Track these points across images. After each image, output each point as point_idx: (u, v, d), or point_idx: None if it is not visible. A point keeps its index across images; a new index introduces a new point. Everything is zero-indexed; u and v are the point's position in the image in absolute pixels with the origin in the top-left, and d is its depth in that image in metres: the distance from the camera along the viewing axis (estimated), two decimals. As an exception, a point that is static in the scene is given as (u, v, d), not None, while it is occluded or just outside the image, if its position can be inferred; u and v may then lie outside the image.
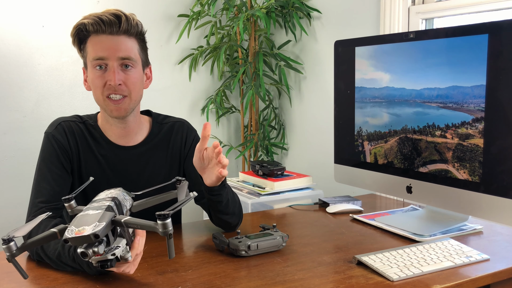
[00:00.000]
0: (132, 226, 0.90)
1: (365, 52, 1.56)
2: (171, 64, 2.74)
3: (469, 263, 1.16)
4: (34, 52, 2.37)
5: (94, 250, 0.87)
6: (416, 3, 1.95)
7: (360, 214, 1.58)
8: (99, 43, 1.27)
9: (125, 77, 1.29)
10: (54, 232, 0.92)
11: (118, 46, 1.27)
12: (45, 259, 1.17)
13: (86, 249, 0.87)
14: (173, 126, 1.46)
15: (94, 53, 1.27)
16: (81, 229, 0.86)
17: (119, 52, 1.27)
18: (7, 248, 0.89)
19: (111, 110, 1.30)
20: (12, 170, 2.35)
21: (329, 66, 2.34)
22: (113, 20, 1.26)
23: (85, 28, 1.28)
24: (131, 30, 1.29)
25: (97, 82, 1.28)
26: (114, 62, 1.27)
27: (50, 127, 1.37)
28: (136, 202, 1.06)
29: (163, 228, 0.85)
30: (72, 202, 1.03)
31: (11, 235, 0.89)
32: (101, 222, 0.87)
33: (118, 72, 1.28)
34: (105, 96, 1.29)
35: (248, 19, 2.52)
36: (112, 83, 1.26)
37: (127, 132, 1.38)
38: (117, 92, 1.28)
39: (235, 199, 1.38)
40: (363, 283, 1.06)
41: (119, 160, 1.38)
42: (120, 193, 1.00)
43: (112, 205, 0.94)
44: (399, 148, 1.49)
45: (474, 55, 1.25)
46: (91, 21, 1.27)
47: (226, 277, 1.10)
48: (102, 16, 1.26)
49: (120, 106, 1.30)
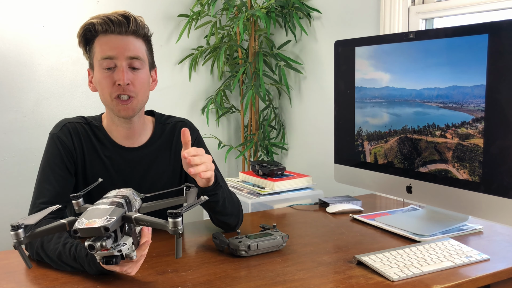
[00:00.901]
0: (142, 223, 0.90)
1: (365, 52, 1.56)
2: (171, 64, 2.75)
3: (469, 263, 1.16)
4: (34, 52, 2.37)
5: (102, 244, 0.88)
6: (416, 3, 1.95)
7: (360, 214, 1.58)
8: (108, 43, 1.27)
9: (133, 77, 1.29)
10: (63, 223, 0.93)
11: (127, 45, 1.28)
12: (45, 259, 1.17)
13: (94, 242, 0.88)
14: (175, 126, 1.46)
15: (102, 53, 1.27)
16: (92, 221, 0.87)
17: (128, 51, 1.27)
18: (15, 235, 0.90)
19: (118, 110, 1.30)
20: (12, 170, 2.35)
21: (329, 66, 2.34)
22: (122, 21, 1.27)
23: (94, 28, 1.27)
24: (139, 31, 1.30)
25: (105, 83, 1.28)
26: (123, 61, 1.27)
27: (55, 128, 1.37)
28: (144, 204, 1.06)
29: (173, 226, 0.86)
30: (80, 200, 1.05)
31: (20, 222, 0.91)
32: (112, 216, 0.89)
33: (127, 72, 1.28)
34: (113, 97, 1.29)
35: (248, 19, 2.52)
36: (121, 82, 1.26)
37: (132, 133, 1.38)
38: (125, 92, 1.28)
39: (232, 199, 1.37)
40: (363, 283, 1.06)
41: (123, 161, 1.38)
42: (130, 193, 1.01)
43: (123, 202, 0.95)
44: (399, 148, 1.49)
45: (474, 55, 1.25)
46: (100, 21, 1.27)
47: (226, 277, 1.10)
48: (111, 16, 1.27)
49: (127, 106, 1.29)
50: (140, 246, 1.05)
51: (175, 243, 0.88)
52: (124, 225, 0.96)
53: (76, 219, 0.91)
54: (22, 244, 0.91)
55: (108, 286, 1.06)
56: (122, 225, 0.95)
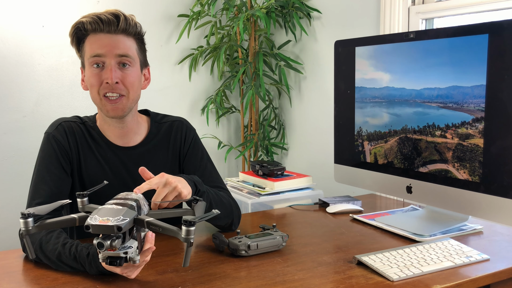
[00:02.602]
0: (154, 227, 0.91)
1: (365, 52, 1.56)
2: (171, 64, 2.74)
3: (469, 263, 1.16)
4: (34, 52, 2.37)
5: (112, 244, 0.90)
6: (416, 3, 1.95)
7: (360, 214, 1.58)
8: (97, 41, 1.27)
9: (122, 75, 1.28)
10: (74, 217, 0.95)
11: (116, 44, 1.27)
12: (44, 260, 1.17)
13: (104, 240, 0.89)
14: (172, 125, 1.45)
15: (91, 51, 1.27)
16: (105, 219, 0.88)
17: (116, 49, 1.27)
18: (24, 223, 0.92)
19: (107, 110, 1.30)
20: (12, 170, 2.35)
21: (329, 66, 2.34)
22: (112, 19, 1.27)
23: (84, 27, 1.28)
24: (129, 30, 1.30)
25: (93, 81, 1.28)
26: (111, 59, 1.27)
27: (51, 127, 1.36)
28: (151, 211, 1.07)
29: (186, 235, 0.86)
30: (85, 198, 1.05)
31: (31, 211, 0.93)
32: (125, 217, 0.90)
33: (115, 70, 1.27)
34: (102, 95, 1.28)
35: (248, 19, 2.52)
36: (109, 81, 1.26)
37: (126, 133, 1.38)
38: (114, 91, 1.27)
39: (222, 201, 1.33)
40: (363, 283, 1.06)
41: (119, 161, 1.38)
42: (141, 198, 1.03)
43: (134, 206, 0.96)
44: (399, 148, 1.49)
45: (474, 55, 1.25)
46: (89, 19, 1.27)
47: (226, 277, 1.10)
48: (101, 15, 1.27)
49: (117, 105, 1.29)
50: (143, 252, 1.05)
51: (185, 252, 0.88)
52: (133, 228, 0.97)
53: (87, 215, 0.92)
54: (29, 233, 0.93)
55: (108, 286, 1.06)
56: (131, 228, 0.96)
